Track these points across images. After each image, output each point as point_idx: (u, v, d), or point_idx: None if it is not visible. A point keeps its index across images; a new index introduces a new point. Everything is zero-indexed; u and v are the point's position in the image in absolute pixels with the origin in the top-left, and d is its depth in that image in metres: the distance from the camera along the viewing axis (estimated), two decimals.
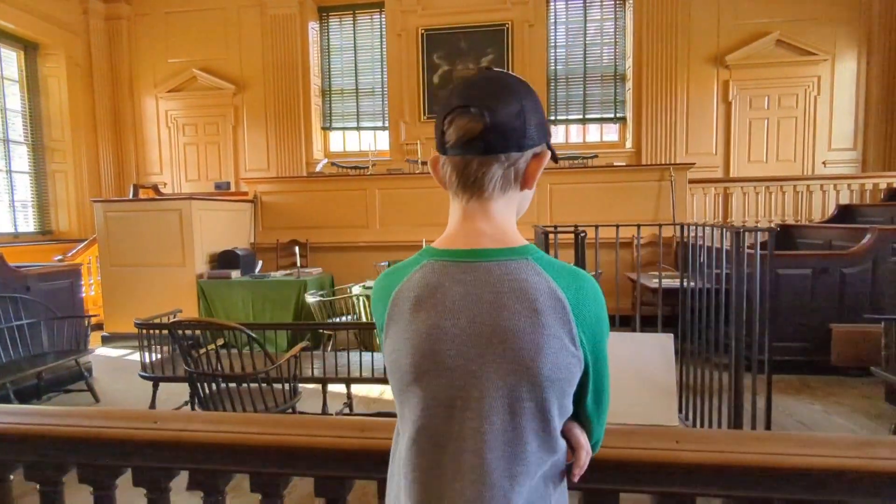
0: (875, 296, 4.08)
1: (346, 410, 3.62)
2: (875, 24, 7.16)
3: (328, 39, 8.31)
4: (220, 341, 3.04)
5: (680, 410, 3.25)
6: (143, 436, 1.30)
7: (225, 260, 5.70)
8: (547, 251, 3.40)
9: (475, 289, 0.74)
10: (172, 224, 5.52)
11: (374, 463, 1.19)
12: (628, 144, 7.80)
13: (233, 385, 2.90)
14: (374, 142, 8.19)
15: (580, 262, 2.92)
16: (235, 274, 5.60)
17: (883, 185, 6.28)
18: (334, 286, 5.94)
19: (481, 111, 0.73)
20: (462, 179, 0.77)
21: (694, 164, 6.29)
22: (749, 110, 7.44)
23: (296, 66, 7.99)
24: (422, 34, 7.80)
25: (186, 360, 2.84)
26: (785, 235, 5.51)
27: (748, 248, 4.04)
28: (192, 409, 3.76)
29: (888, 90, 7.16)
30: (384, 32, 8.06)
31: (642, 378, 3.03)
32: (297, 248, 5.62)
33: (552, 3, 7.84)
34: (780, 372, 4.09)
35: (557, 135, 8.04)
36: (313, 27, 8.21)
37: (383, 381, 3.44)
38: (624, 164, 7.18)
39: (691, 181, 6.17)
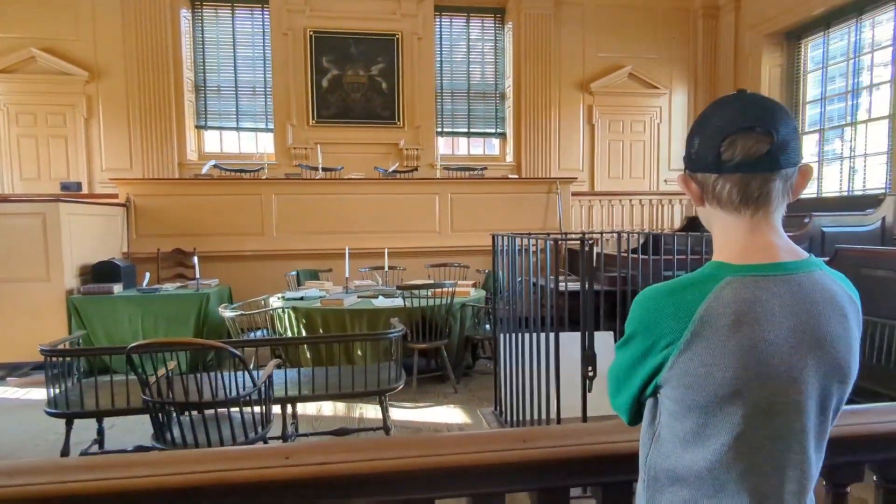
0: None
1: (293, 431, 3.43)
2: (699, 64, 8.67)
3: (202, 31, 7.63)
4: (172, 364, 2.71)
5: None
6: (279, 475, 1.17)
7: (102, 272, 4.97)
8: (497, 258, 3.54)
9: (791, 300, 0.79)
10: (33, 231, 4.66)
11: (532, 473, 1.21)
12: (509, 158, 8.41)
13: (196, 413, 2.62)
14: (255, 144, 7.71)
15: (588, 270, 3.14)
16: (118, 288, 4.91)
17: None
18: (233, 299, 5.51)
19: (768, 130, 0.78)
20: (745, 196, 0.81)
21: (576, 178, 7.04)
22: (608, 133, 8.51)
23: (165, 56, 7.20)
24: (310, 36, 7.56)
25: (144, 388, 2.50)
26: (653, 242, 6.42)
27: (627, 252, 4.70)
28: (101, 447, 3.29)
29: None
30: (268, 30, 7.65)
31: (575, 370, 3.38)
32: (195, 258, 5.10)
33: (438, 19, 8.14)
34: None
35: (446, 147, 8.35)
36: (185, 15, 7.48)
37: (346, 396, 3.34)
38: (512, 176, 7.73)
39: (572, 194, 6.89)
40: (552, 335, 2.73)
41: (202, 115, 7.72)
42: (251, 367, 4.02)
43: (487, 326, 4.98)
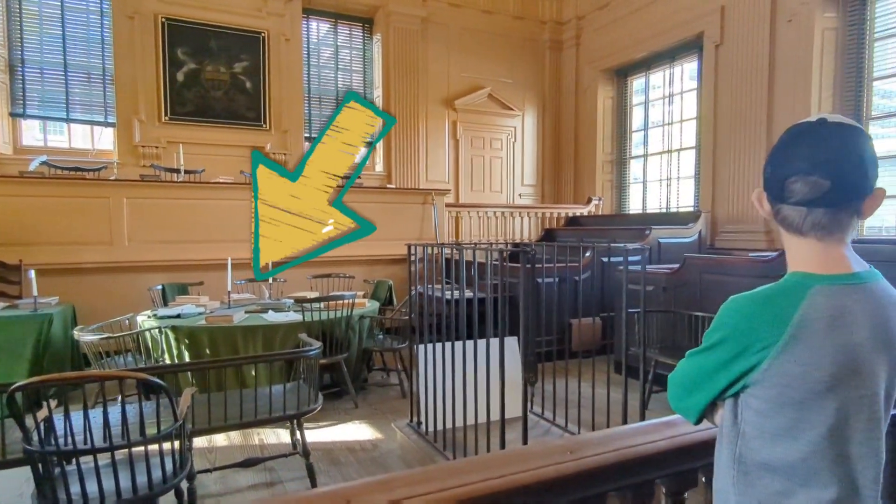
0: (594, 294, 5.63)
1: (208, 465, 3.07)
2: (547, 91, 9.60)
3: (20, 0, 6.37)
4: (53, 403, 2.25)
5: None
6: None
7: None
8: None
9: (868, 306, 0.91)
10: None
11: (578, 483, 1.24)
12: (378, 168, 8.42)
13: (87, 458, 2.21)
14: (91, 139, 6.64)
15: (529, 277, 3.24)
16: None
17: (562, 214, 8.52)
18: (76, 321, 4.70)
19: (826, 177, 0.88)
20: (807, 225, 0.93)
21: (449, 190, 7.30)
22: (471, 148, 8.99)
23: None
24: (162, 22, 6.76)
25: (27, 435, 2.06)
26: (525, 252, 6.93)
27: (497, 261, 5.07)
28: None
29: (555, 141, 9.69)
30: (107, 9, 6.66)
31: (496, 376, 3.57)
32: (32, 273, 4.22)
33: (306, 22, 7.87)
34: (546, 360, 5.23)
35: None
36: None
37: (262, 423, 3.06)
38: (390, 186, 7.74)
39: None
40: (492, 341, 2.84)
41: (18, 101, 6.42)
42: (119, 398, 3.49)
43: (381, 337, 4.95)
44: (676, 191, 8.11)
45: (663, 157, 8.33)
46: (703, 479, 1.51)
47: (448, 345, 3.19)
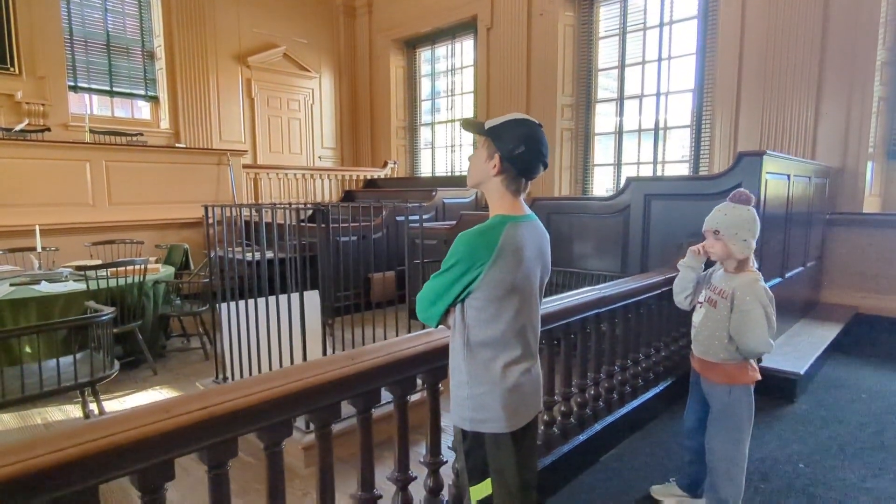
0: (390, 250, 6.22)
1: None
2: (342, 55, 9.77)
3: None
4: None
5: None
6: (167, 427, 1.25)
7: None
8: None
9: (533, 234, 1.47)
10: None
11: (359, 382, 1.68)
12: (164, 125, 7.79)
13: None
14: None
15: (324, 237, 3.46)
16: None
17: (361, 177, 8.95)
18: None
19: (545, 165, 1.51)
20: (521, 188, 1.48)
21: (246, 151, 7.16)
22: (268, 108, 8.80)
23: None
24: None
25: None
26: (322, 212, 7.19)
27: (303, 222, 5.38)
28: None
29: (352, 106, 9.98)
30: None
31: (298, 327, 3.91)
32: None
33: None
34: (347, 313, 5.67)
35: (79, 106, 7.13)
36: None
37: (49, 395, 2.96)
38: (180, 145, 7.23)
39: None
40: (293, 296, 3.16)
41: None
42: None
43: (178, 302, 4.88)
44: (459, 156, 9.09)
45: (448, 126, 9.22)
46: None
47: (251, 302, 3.41)
